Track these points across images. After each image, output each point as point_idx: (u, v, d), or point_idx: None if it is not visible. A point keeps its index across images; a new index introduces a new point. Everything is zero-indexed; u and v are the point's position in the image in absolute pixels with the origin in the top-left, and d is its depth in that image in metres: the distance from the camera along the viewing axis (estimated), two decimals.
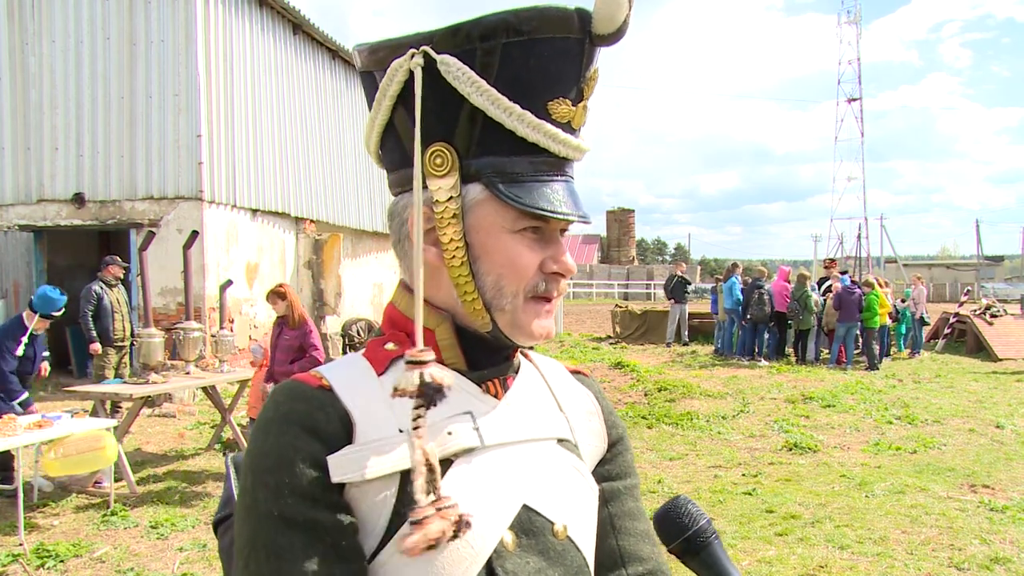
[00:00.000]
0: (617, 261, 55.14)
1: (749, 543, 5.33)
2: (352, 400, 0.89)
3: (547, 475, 0.95)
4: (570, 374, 1.12)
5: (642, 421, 9.24)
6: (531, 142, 0.89)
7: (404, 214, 0.95)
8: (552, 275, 0.93)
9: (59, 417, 6.12)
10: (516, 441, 0.95)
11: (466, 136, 0.89)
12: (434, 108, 0.88)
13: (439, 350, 0.94)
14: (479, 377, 0.96)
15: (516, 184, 0.89)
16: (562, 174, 0.93)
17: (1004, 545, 5.27)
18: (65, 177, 11.81)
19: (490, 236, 0.91)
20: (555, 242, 0.94)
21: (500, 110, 0.87)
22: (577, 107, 0.92)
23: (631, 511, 1.08)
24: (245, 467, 0.88)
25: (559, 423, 1.01)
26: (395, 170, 0.97)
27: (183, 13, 11.36)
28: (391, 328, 1.00)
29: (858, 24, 46.27)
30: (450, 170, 0.89)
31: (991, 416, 9.63)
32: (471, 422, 0.92)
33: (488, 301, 0.91)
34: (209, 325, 10.74)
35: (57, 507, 6.23)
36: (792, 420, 9.36)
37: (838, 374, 12.79)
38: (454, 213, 0.90)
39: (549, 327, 0.95)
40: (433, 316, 0.95)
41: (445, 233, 0.90)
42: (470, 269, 0.91)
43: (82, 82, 11.69)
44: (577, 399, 1.07)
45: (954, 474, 7.07)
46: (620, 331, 18.14)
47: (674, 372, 12.80)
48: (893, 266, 43.97)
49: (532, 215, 0.90)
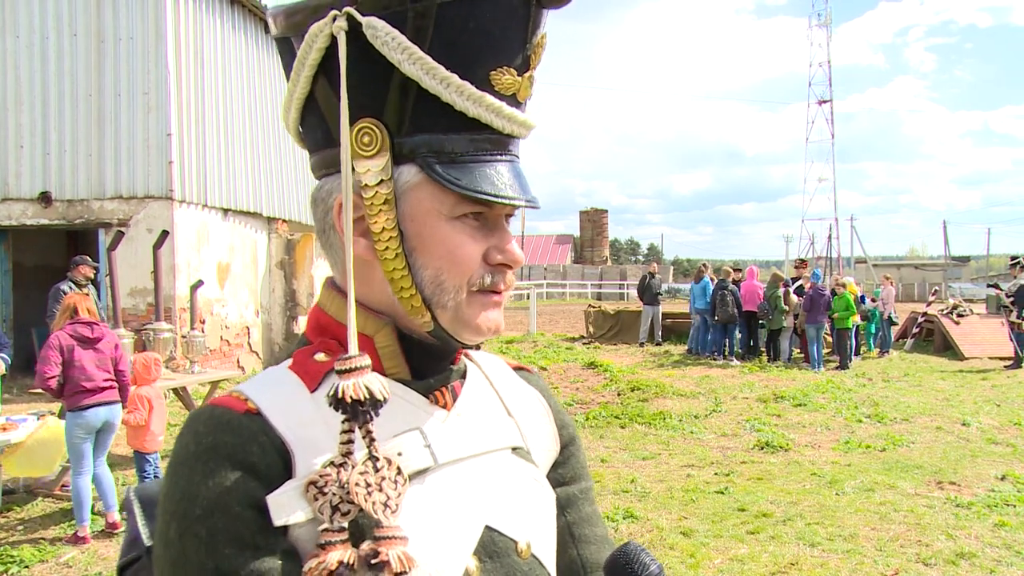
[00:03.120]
0: (590, 261, 55.32)
1: (721, 541, 5.37)
2: (286, 425, 0.78)
3: (506, 490, 0.88)
4: (514, 372, 1.04)
5: (615, 421, 9.28)
6: (471, 117, 0.79)
7: (329, 200, 0.85)
8: (498, 266, 0.84)
9: (24, 420, 6.01)
10: (471, 455, 0.86)
11: (397, 111, 0.79)
12: (360, 79, 0.78)
13: (379, 359, 0.84)
14: (425, 387, 0.87)
15: (455, 165, 0.79)
16: (506, 153, 0.83)
17: (969, 540, 5.36)
18: (31, 176, 11.59)
19: (426, 224, 0.80)
20: (500, 229, 0.85)
21: (436, 81, 0.76)
22: (523, 77, 0.82)
23: (588, 517, 1.02)
24: (165, 512, 0.75)
25: (510, 430, 0.94)
26: (318, 150, 0.86)
27: (152, 10, 11.21)
28: (319, 335, 0.88)
29: (828, 27, 46.79)
30: (379, 150, 0.79)
31: (957, 414, 9.80)
32: (421, 439, 0.82)
33: (428, 297, 0.81)
34: (180, 326, 10.62)
35: (22, 511, 6.11)
36: (764, 419, 9.45)
37: (809, 373, 12.94)
38: (385, 199, 0.79)
39: (498, 320, 0.85)
40: (371, 321, 0.84)
41: (376, 222, 0.80)
42: (406, 262, 0.81)
43: (48, 79, 11.49)
44: (525, 401, 1.00)
45: (922, 471, 7.18)
46: (593, 331, 18.19)
47: (647, 372, 12.86)
48: (863, 266, 44.54)
49: (473, 200, 0.80)
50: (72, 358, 5.28)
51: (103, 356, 5.42)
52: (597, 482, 6.73)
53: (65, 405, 5.45)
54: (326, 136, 0.83)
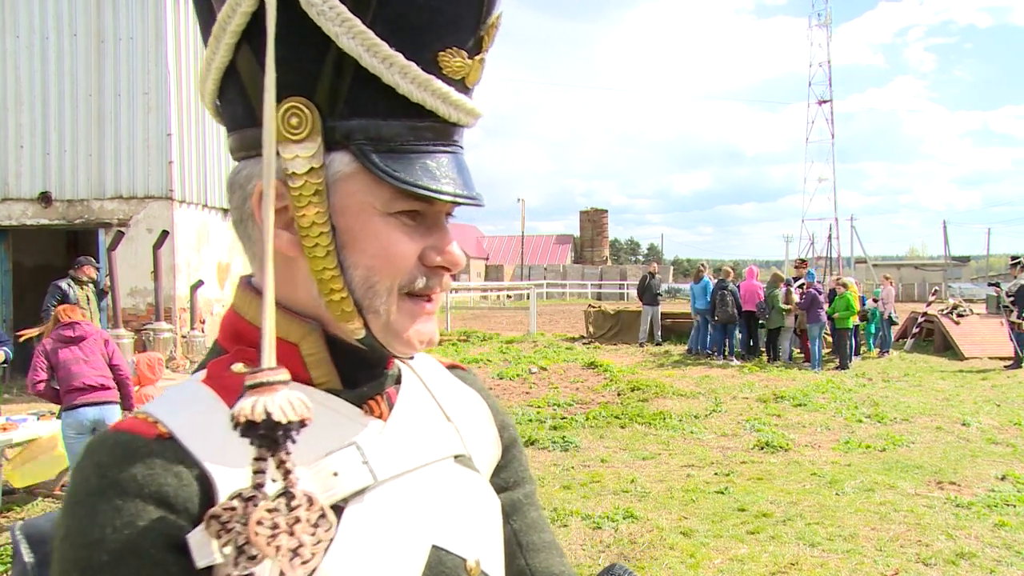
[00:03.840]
0: (590, 261, 55.36)
1: (721, 541, 5.37)
2: (204, 450, 0.67)
3: (451, 503, 0.81)
4: (448, 371, 0.96)
5: (615, 421, 9.28)
6: (415, 102, 0.71)
7: (248, 187, 0.74)
8: (435, 269, 0.76)
9: (24, 420, 6.02)
10: (412, 468, 0.79)
11: (331, 90, 0.70)
12: (290, 52, 0.69)
13: (306, 368, 0.75)
14: (358, 397, 0.78)
15: (393, 155, 0.71)
16: (450, 143, 0.75)
17: (969, 540, 5.36)
18: (31, 176, 11.61)
19: (359, 219, 0.72)
20: (439, 228, 0.77)
21: (377, 59, 0.68)
22: (473, 60, 0.74)
23: (534, 522, 0.96)
24: (64, 561, 0.63)
25: (451, 437, 0.86)
26: (237, 129, 0.76)
27: (152, 10, 11.23)
28: (235, 342, 0.77)
29: (828, 27, 46.81)
30: (309, 133, 0.70)
31: (957, 414, 9.80)
32: (358, 455, 0.74)
33: (359, 301, 0.73)
34: (180, 326, 10.63)
35: (22, 511, 6.12)
36: (764, 419, 9.45)
37: (809, 373, 12.94)
38: (316, 189, 0.70)
39: (431, 333, 0.78)
40: (295, 325, 0.75)
41: (304, 215, 0.71)
42: (337, 261, 0.72)
43: (48, 79, 11.50)
44: (463, 403, 0.93)
45: (922, 471, 7.18)
46: (593, 331, 18.19)
47: (647, 372, 12.86)
48: (863, 266, 44.55)
49: (412, 195, 0.72)
50: (58, 360, 5.41)
51: (90, 354, 5.48)
52: (597, 482, 6.73)
53: (61, 406, 5.53)
54: (247, 113, 0.73)
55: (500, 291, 41.34)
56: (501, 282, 49.02)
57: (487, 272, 63.81)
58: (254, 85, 0.71)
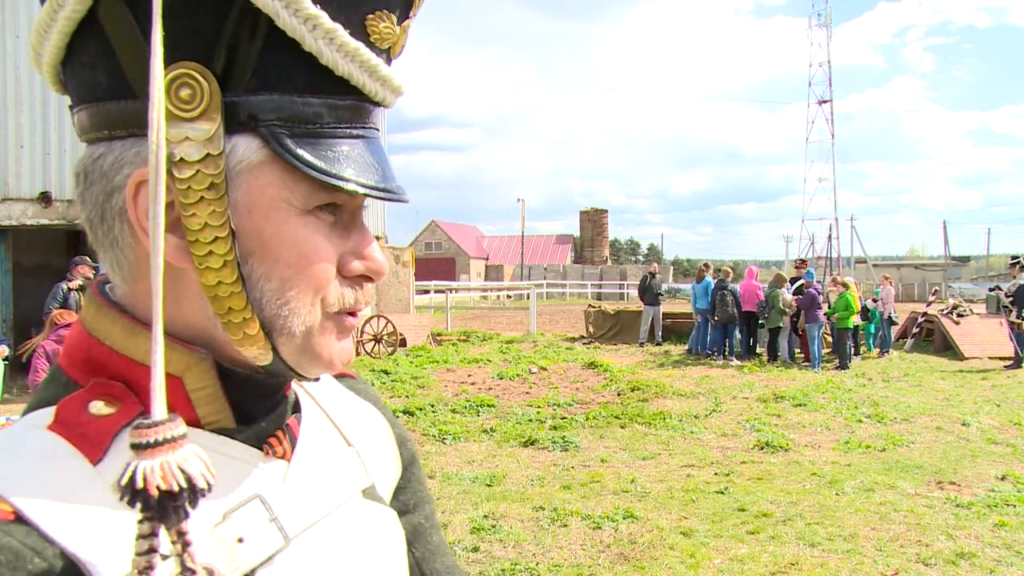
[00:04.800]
0: (590, 261, 55.41)
1: (721, 541, 5.37)
2: (67, 529, 0.51)
3: (363, 552, 0.69)
4: (338, 383, 0.82)
5: (615, 421, 9.28)
6: (339, 75, 0.58)
7: (116, 178, 0.58)
8: (357, 279, 0.63)
9: None
10: (321, 517, 0.66)
11: (236, 56, 0.55)
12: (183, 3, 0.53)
13: (191, 406, 0.60)
14: (256, 435, 0.64)
15: (311, 140, 0.58)
16: (367, 126, 0.62)
17: (969, 540, 5.36)
18: (31, 175, 11.62)
19: (270, 220, 0.58)
20: (357, 228, 0.63)
21: (299, 19, 0.54)
22: (401, 27, 0.62)
23: (436, 548, 0.86)
24: None
25: (355, 467, 0.73)
26: (96, 101, 0.58)
27: None
28: (89, 372, 0.59)
29: (828, 27, 46.85)
30: (204, 110, 0.54)
31: (957, 414, 9.80)
32: (265, 512, 0.61)
33: (268, 321, 0.58)
34: None
35: None
36: (764, 419, 9.45)
37: (809, 373, 12.95)
38: (211, 182, 0.55)
39: (351, 350, 0.65)
40: (178, 354, 0.59)
41: (194, 215, 0.55)
42: (238, 272, 0.57)
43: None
44: (359, 420, 0.79)
45: (922, 471, 7.18)
46: (593, 331, 18.20)
47: (647, 372, 12.87)
48: (863, 266, 44.56)
49: (334, 188, 0.58)
50: None
51: None
52: (597, 482, 6.73)
53: None
54: (114, 81, 0.56)
55: (500, 291, 41.38)
56: (501, 282, 49.07)
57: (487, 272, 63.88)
58: (127, 44, 0.55)
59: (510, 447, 8.01)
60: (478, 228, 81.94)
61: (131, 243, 0.59)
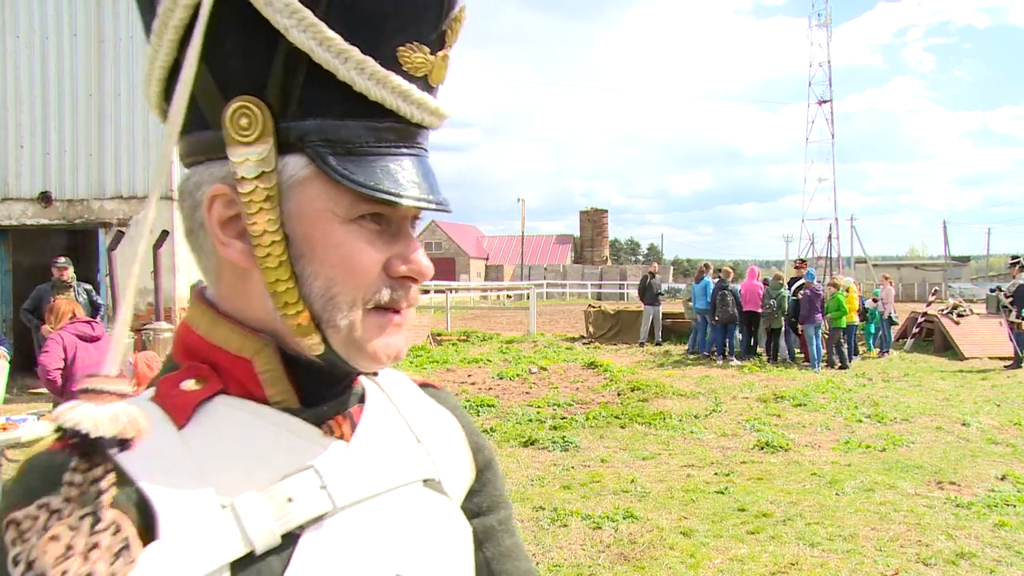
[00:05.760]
0: (590, 261, 55.41)
1: (721, 541, 5.37)
2: (147, 474, 0.63)
3: (418, 531, 0.76)
4: (420, 389, 0.91)
5: (615, 421, 9.28)
6: (373, 100, 0.66)
7: (198, 194, 0.70)
8: (401, 280, 0.71)
9: (24, 420, 6.01)
10: (375, 494, 0.73)
11: (283, 89, 0.65)
12: (237, 46, 0.65)
13: (259, 386, 0.70)
14: (317, 416, 0.73)
15: (352, 158, 0.67)
16: (414, 145, 0.71)
17: (969, 540, 5.36)
18: (31, 175, 11.62)
19: (317, 227, 0.67)
20: (404, 236, 0.72)
21: (331, 54, 0.64)
22: (436, 57, 0.70)
23: (509, 550, 0.90)
24: None
25: (420, 459, 0.81)
26: (187, 132, 0.69)
27: None
28: (188, 357, 0.72)
29: (828, 27, 46.84)
30: (260, 135, 0.65)
31: (957, 414, 9.80)
32: (317, 479, 0.69)
33: (317, 314, 0.68)
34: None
35: None
36: (764, 419, 9.45)
37: (809, 373, 12.95)
38: (267, 195, 0.66)
39: (399, 346, 0.72)
40: (248, 340, 0.70)
41: (256, 223, 0.66)
42: (292, 272, 0.67)
43: (48, 79, 11.51)
44: (435, 423, 0.87)
45: (922, 471, 7.18)
46: (593, 331, 18.20)
47: (647, 372, 12.87)
48: (863, 266, 44.56)
49: (373, 199, 0.67)
50: (76, 356, 5.37)
51: (104, 354, 5.48)
52: (597, 482, 6.73)
53: None
54: (195, 116, 0.68)
55: (500, 291, 41.38)
56: (501, 282, 49.08)
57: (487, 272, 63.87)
58: (202, 84, 0.66)
59: (510, 447, 8.01)
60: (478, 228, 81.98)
61: (212, 249, 0.71)
